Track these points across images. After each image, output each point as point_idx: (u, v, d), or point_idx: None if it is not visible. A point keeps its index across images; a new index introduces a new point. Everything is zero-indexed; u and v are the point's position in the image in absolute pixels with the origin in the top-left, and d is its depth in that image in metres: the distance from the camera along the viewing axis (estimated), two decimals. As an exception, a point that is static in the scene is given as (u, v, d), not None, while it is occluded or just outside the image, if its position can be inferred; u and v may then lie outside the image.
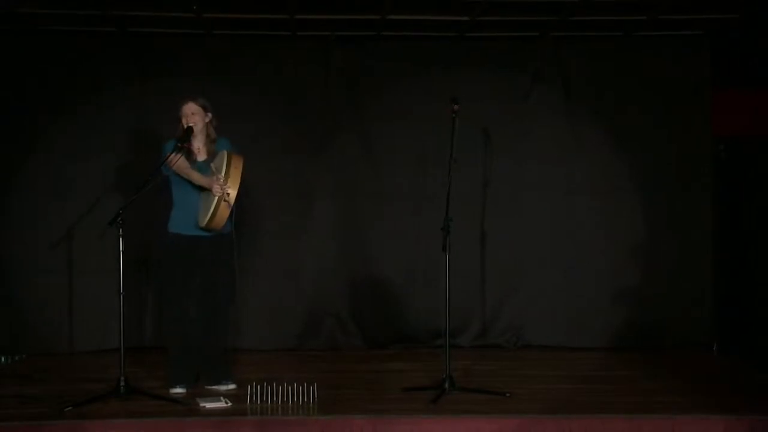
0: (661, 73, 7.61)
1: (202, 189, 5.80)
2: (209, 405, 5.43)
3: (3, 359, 7.00)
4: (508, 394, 5.73)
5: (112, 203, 7.09)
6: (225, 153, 5.74)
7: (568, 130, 7.63)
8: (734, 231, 7.52)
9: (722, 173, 7.61)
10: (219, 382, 5.91)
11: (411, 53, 7.58)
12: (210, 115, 5.92)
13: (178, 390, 5.80)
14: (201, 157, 5.92)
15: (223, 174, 5.61)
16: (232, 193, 5.61)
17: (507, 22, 7.14)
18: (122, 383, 5.52)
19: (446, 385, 5.72)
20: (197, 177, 5.78)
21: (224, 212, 5.64)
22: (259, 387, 5.48)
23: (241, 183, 5.67)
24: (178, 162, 5.75)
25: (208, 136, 5.93)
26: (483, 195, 7.54)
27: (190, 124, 5.82)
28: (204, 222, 5.70)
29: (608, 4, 6.69)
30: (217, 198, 5.60)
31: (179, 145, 5.76)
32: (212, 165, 5.81)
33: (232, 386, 5.89)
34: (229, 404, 5.45)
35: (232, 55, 7.50)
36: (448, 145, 5.81)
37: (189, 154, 5.85)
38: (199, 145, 5.92)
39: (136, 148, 7.34)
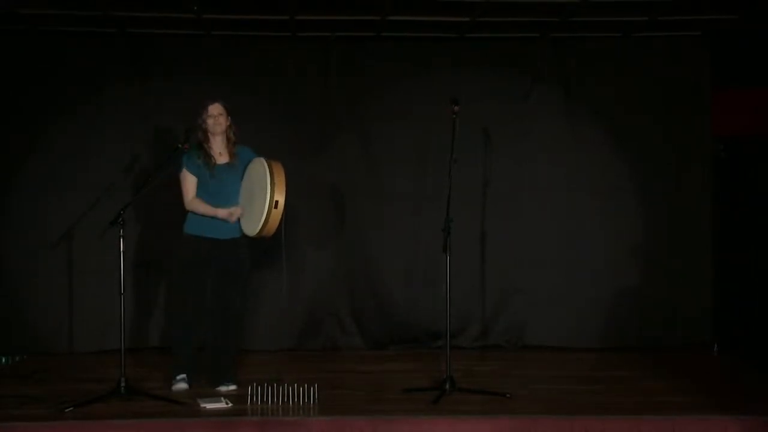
0: (661, 73, 7.62)
1: (251, 197, 5.82)
2: (210, 406, 5.43)
3: (3, 359, 7.00)
4: (508, 395, 5.73)
5: (112, 203, 7.09)
6: (263, 161, 5.78)
7: (568, 130, 7.63)
8: (734, 231, 7.51)
9: (722, 173, 7.62)
10: (221, 384, 5.91)
11: (411, 53, 7.58)
12: (230, 118, 5.95)
13: (181, 385, 5.83)
14: (223, 160, 5.93)
15: (268, 182, 5.65)
16: (281, 199, 5.66)
17: (507, 22, 7.14)
18: (123, 383, 5.52)
19: (447, 386, 5.72)
20: (212, 211, 5.83)
21: (276, 219, 5.70)
22: (259, 388, 5.48)
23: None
24: (199, 207, 5.83)
25: (229, 139, 5.95)
26: (483, 195, 7.54)
27: (217, 125, 5.88)
28: (255, 231, 5.75)
29: (608, 4, 6.69)
30: (267, 207, 5.63)
31: (180, 145, 5.78)
32: (247, 175, 5.87)
33: (232, 387, 5.90)
34: (230, 405, 5.45)
35: (232, 56, 7.50)
36: (448, 145, 5.81)
37: (208, 158, 5.87)
38: (220, 148, 5.94)
39: (136, 148, 7.33)
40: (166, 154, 6.04)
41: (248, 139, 7.11)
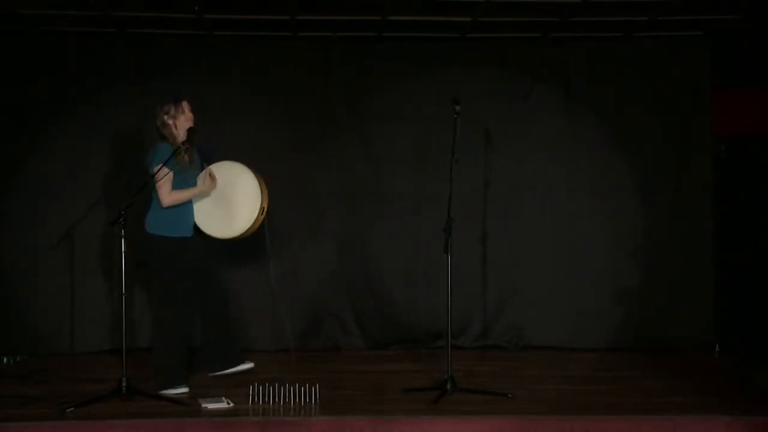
0: (661, 73, 7.62)
1: (222, 198, 5.93)
2: (211, 406, 5.43)
3: (3, 359, 7.00)
4: (509, 395, 5.73)
5: (112, 203, 7.11)
6: (245, 167, 6.00)
7: (568, 130, 7.63)
8: (734, 231, 7.51)
9: (722, 173, 7.62)
10: (237, 364, 6.12)
11: (411, 53, 7.57)
12: None
13: (182, 389, 5.83)
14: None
15: (260, 190, 5.95)
16: (266, 206, 6.01)
17: (508, 22, 7.14)
18: (124, 383, 5.52)
19: (448, 386, 5.73)
20: (196, 191, 5.92)
21: (257, 224, 6.00)
22: (260, 388, 5.48)
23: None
24: (179, 194, 5.85)
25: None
26: (483, 195, 7.54)
27: (190, 125, 5.87)
28: (239, 232, 5.98)
29: (608, 4, 6.69)
30: (257, 213, 5.91)
31: (183, 145, 5.78)
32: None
33: (250, 365, 6.13)
34: (231, 405, 5.45)
35: (233, 56, 7.50)
36: (449, 145, 5.82)
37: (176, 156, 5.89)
38: None
39: (136, 148, 7.30)
40: (162, 156, 6.03)
41: (248, 139, 7.17)
